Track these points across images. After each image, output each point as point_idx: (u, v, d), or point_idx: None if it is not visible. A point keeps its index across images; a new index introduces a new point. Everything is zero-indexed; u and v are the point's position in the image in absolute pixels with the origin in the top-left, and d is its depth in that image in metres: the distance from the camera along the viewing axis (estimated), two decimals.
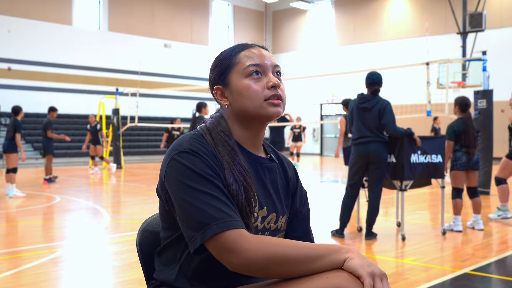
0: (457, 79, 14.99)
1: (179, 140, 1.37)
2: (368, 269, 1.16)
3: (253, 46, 1.45)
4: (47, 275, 3.91)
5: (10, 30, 19.20)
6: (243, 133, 1.44)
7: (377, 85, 5.29)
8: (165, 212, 1.41)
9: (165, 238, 1.43)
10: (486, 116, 9.28)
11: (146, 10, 23.17)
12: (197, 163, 1.30)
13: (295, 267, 1.21)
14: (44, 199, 8.41)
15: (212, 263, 1.33)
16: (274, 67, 1.44)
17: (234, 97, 1.41)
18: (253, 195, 1.35)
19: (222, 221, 1.23)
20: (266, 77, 1.42)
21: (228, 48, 1.48)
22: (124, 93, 16.62)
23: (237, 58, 1.42)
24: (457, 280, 3.85)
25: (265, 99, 1.40)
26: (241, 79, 1.41)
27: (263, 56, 1.43)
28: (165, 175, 1.34)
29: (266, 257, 1.21)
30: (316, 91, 24.99)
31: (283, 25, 27.74)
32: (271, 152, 1.54)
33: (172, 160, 1.32)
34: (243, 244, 1.22)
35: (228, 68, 1.43)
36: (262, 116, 1.41)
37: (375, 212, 5.32)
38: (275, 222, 1.45)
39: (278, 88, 1.41)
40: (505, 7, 20.61)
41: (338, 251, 1.21)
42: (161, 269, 1.43)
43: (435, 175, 5.49)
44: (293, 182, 1.56)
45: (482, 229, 5.86)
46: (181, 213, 1.29)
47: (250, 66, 1.40)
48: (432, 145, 5.42)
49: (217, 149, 1.35)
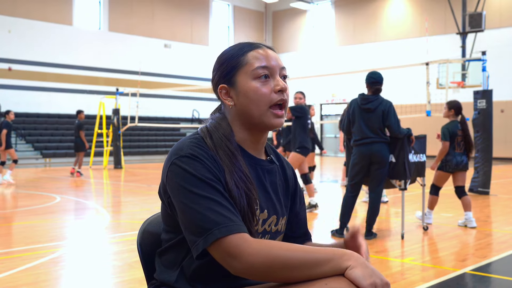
0: (457, 79, 15.00)
1: (179, 143, 1.36)
2: (370, 279, 1.14)
3: (260, 47, 1.44)
4: (47, 275, 3.92)
5: (11, 30, 19.20)
6: (245, 135, 1.43)
7: (379, 84, 5.30)
8: (167, 215, 1.41)
9: (167, 240, 1.43)
10: (486, 116, 9.28)
11: (146, 10, 23.17)
12: (198, 167, 1.29)
13: (297, 272, 1.20)
14: (44, 199, 8.41)
15: (213, 265, 1.33)
16: (281, 69, 1.43)
17: (240, 98, 1.40)
18: (255, 199, 1.35)
19: (223, 226, 1.23)
20: (274, 80, 1.41)
21: (234, 46, 1.46)
22: (124, 93, 16.62)
23: (245, 59, 1.41)
24: (457, 280, 3.85)
25: (271, 104, 1.39)
26: (248, 80, 1.39)
27: (271, 57, 1.42)
28: (167, 179, 1.33)
29: (268, 261, 1.20)
30: (316, 91, 24.99)
31: (283, 25, 27.75)
32: (271, 153, 1.54)
33: (172, 164, 1.32)
34: (245, 249, 1.21)
35: (235, 68, 1.41)
36: (265, 124, 1.40)
37: (375, 212, 5.32)
38: (275, 224, 1.45)
39: (285, 92, 1.41)
40: (504, 7, 20.61)
41: (340, 258, 1.19)
42: (162, 270, 1.43)
43: (420, 173, 5.61)
44: (292, 183, 1.56)
45: (475, 226, 5.92)
46: (183, 218, 1.29)
47: (259, 68, 1.39)
48: (419, 144, 5.55)
49: (218, 153, 1.35)
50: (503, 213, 7.28)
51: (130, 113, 16.19)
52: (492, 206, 7.80)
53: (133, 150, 20.49)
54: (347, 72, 12.25)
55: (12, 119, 11.19)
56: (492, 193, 9.20)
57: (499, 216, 7.04)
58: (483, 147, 9.31)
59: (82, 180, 11.97)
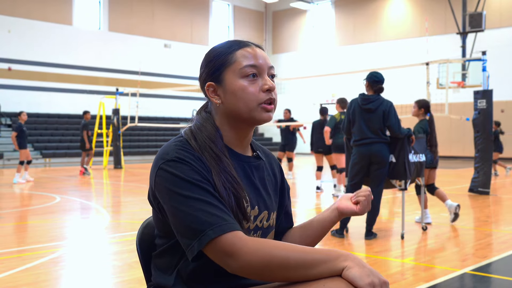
0: (457, 79, 15.00)
1: (164, 148, 1.35)
2: (367, 279, 1.14)
3: (249, 45, 1.43)
4: (47, 275, 3.91)
5: (10, 30, 19.20)
6: (231, 133, 1.43)
7: (381, 84, 5.31)
8: (158, 220, 1.40)
9: (160, 245, 1.43)
10: (486, 116, 9.27)
11: (146, 10, 23.17)
12: (185, 170, 1.29)
13: (293, 272, 1.20)
14: (44, 199, 8.41)
15: (209, 266, 1.33)
16: (269, 68, 1.42)
17: (227, 96, 1.40)
18: (242, 198, 1.34)
19: (217, 226, 1.23)
20: (262, 79, 1.40)
21: (222, 44, 1.45)
22: (124, 93, 16.61)
23: (234, 57, 1.40)
24: (457, 280, 3.85)
25: (260, 102, 1.39)
26: (236, 79, 1.38)
27: (259, 56, 1.41)
28: (155, 185, 1.33)
29: (265, 260, 1.20)
30: (316, 91, 24.99)
31: (283, 25, 27.74)
32: (257, 149, 1.54)
33: (160, 169, 1.31)
34: (241, 247, 1.21)
35: (223, 66, 1.40)
36: (255, 120, 1.40)
37: (375, 212, 5.32)
38: (267, 220, 1.46)
39: (273, 91, 1.41)
40: (505, 7, 20.60)
41: (336, 258, 1.19)
42: (158, 274, 1.43)
43: (420, 173, 5.64)
44: (279, 178, 1.58)
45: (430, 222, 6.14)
46: (175, 222, 1.28)
47: (247, 67, 1.38)
48: (419, 144, 5.57)
49: (203, 154, 1.34)
50: (503, 213, 7.28)
51: (130, 113, 16.19)
52: (493, 206, 7.80)
53: (133, 150, 20.49)
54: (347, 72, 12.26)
55: (24, 120, 11.45)
56: (492, 193, 9.20)
57: (499, 216, 7.04)
58: (483, 147, 9.29)
59: (82, 180, 11.96)
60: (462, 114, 16.76)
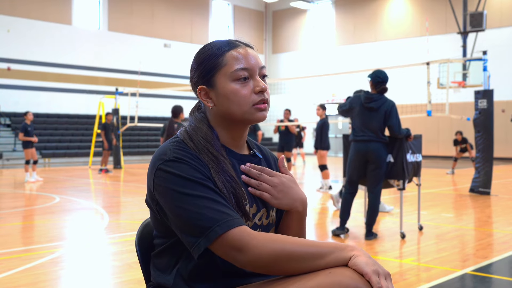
0: (458, 79, 14.98)
1: (161, 149, 1.35)
2: (373, 267, 1.17)
3: (239, 45, 1.41)
4: (47, 275, 3.90)
5: (10, 30, 19.18)
6: (226, 133, 1.43)
7: (384, 84, 5.30)
8: (156, 221, 1.40)
9: (159, 245, 1.43)
10: (487, 116, 9.26)
11: (146, 10, 23.15)
12: (185, 169, 1.29)
13: (301, 264, 1.22)
14: (43, 199, 8.40)
15: (208, 265, 1.33)
16: (260, 69, 1.41)
17: (220, 99, 1.39)
18: (242, 197, 1.35)
19: (223, 222, 1.23)
20: (254, 81, 1.39)
21: (212, 45, 1.42)
22: (124, 93, 16.60)
23: (224, 59, 1.38)
24: (457, 280, 3.84)
25: (253, 104, 1.38)
26: (228, 82, 1.37)
27: (251, 57, 1.39)
28: (154, 186, 1.32)
29: (274, 254, 1.21)
30: (316, 91, 24.97)
31: (283, 25, 27.73)
32: (254, 147, 1.54)
33: (158, 170, 1.31)
34: (250, 241, 1.22)
35: (214, 69, 1.38)
36: (249, 120, 1.40)
37: (375, 212, 5.32)
38: (266, 217, 1.46)
39: (265, 92, 1.40)
40: (505, 7, 20.59)
41: (343, 249, 1.22)
42: (157, 274, 1.43)
43: (417, 173, 5.62)
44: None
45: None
46: (178, 221, 1.27)
47: (238, 70, 1.37)
48: (415, 144, 5.55)
49: (201, 154, 1.34)
50: (504, 213, 7.26)
51: (129, 113, 16.17)
52: (493, 206, 7.78)
53: (132, 150, 20.48)
54: (347, 72, 12.23)
55: (30, 120, 11.44)
56: (493, 193, 9.18)
57: (500, 216, 7.02)
58: (484, 147, 9.28)
59: (82, 180, 11.96)
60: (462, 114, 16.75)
